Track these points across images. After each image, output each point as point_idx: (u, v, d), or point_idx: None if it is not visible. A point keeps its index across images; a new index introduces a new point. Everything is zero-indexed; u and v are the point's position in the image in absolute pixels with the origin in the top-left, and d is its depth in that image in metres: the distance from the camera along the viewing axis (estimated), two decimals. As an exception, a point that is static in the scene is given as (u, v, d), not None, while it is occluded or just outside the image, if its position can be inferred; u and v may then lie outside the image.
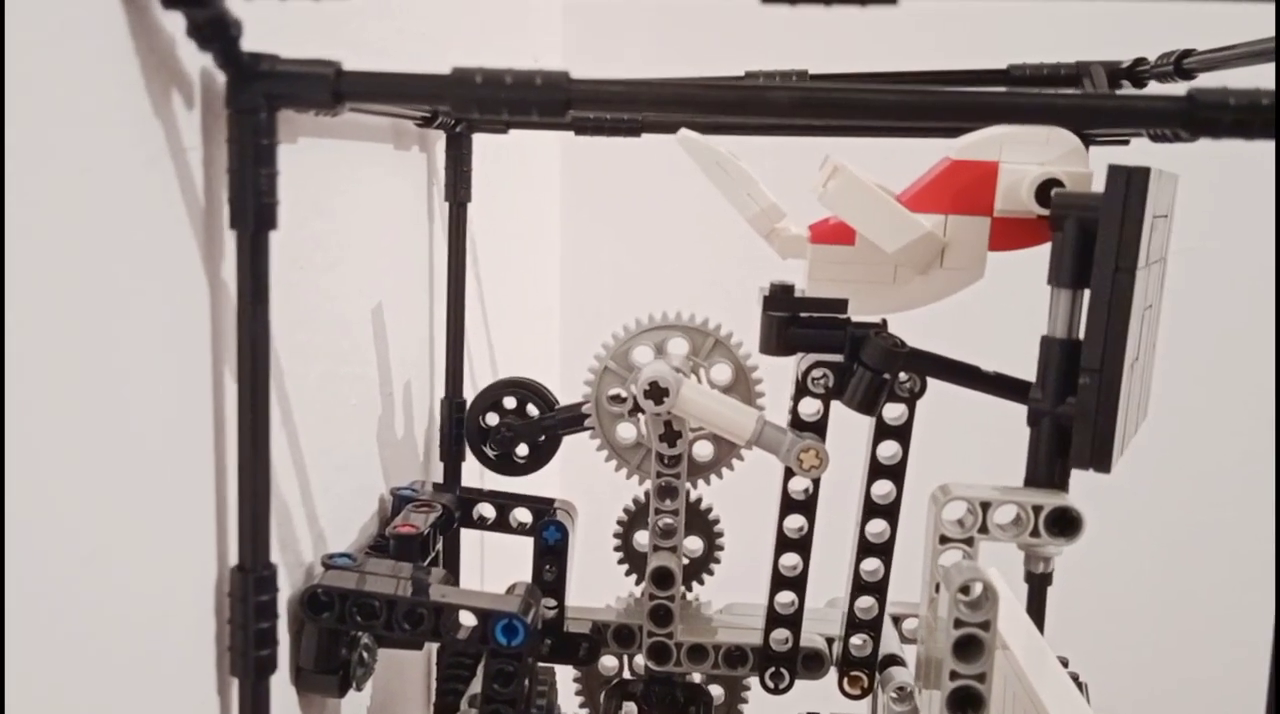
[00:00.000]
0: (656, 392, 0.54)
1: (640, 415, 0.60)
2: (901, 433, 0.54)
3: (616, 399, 0.59)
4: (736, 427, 0.54)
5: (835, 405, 0.54)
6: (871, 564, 0.57)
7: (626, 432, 0.62)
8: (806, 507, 0.57)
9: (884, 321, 0.53)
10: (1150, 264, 0.45)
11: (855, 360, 0.52)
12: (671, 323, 0.60)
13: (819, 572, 0.59)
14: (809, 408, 0.54)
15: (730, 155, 0.54)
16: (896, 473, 0.55)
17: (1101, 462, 0.45)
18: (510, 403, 0.64)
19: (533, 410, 0.64)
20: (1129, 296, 0.43)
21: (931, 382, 0.53)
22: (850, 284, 0.52)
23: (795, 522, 0.57)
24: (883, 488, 0.55)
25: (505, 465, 0.65)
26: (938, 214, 0.51)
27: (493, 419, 0.64)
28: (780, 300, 0.53)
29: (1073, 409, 0.45)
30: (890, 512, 0.56)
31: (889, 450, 0.55)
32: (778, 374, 0.65)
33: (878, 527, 0.56)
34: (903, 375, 0.53)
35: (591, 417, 0.61)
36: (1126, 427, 0.46)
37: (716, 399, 0.55)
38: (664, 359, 0.60)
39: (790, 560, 0.58)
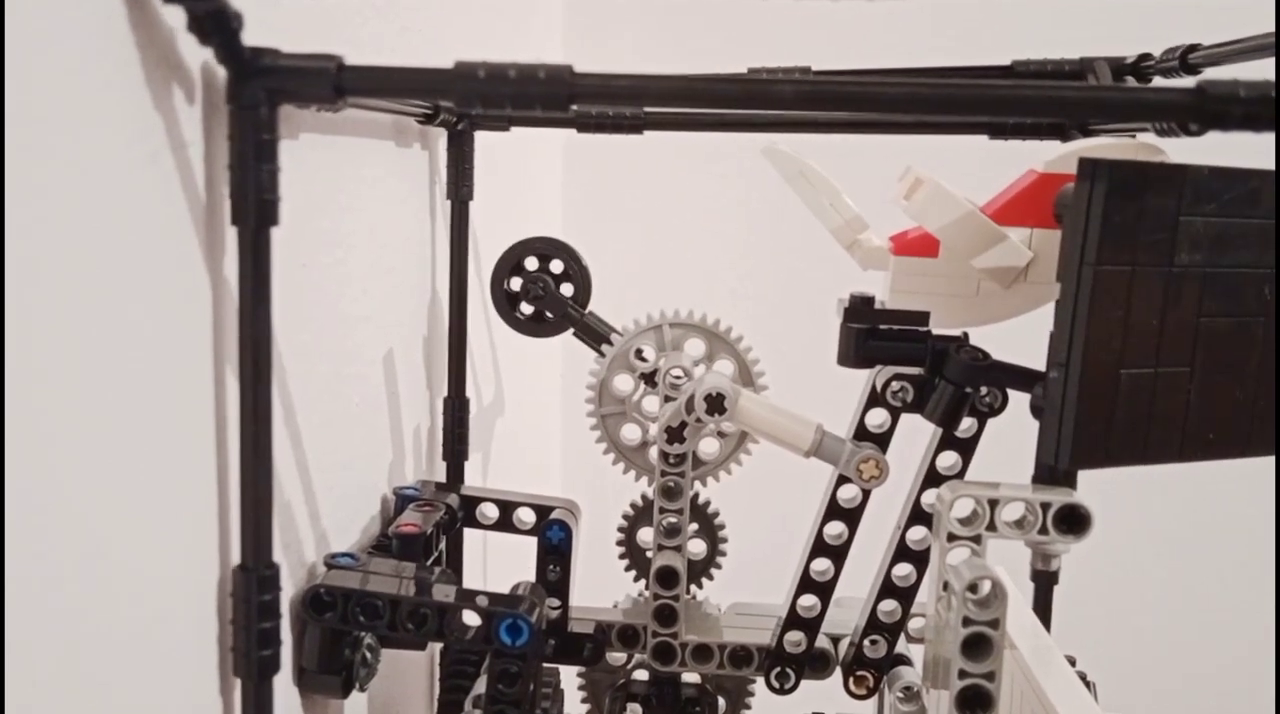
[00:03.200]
0: (716, 402, 0.53)
1: (646, 385, 0.60)
2: (967, 446, 0.54)
3: (640, 355, 0.59)
4: (796, 437, 0.54)
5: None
6: (904, 569, 0.57)
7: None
8: (851, 515, 0.56)
9: (965, 334, 0.52)
10: (1199, 267, 0.42)
11: (937, 374, 0.51)
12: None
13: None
14: (876, 419, 0.54)
15: (814, 166, 0.53)
16: None
17: (1063, 456, 0.44)
18: (558, 267, 0.65)
19: (567, 290, 0.65)
20: (1090, 291, 0.42)
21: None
22: (932, 297, 0.52)
23: (836, 528, 0.57)
24: (933, 496, 0.55)
25: (509, 311, 0.65)
26: (1023, 227, 0.50)
27: (532, 264, 0.65)
28: (860, 312, 0.52)
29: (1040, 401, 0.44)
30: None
31: (949, 461, 0.54)
32: (783, 374, 0.64)
33: (919, 534, 0.56)
34: (984, 389, 0.52)
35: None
36: (1144, 432, 0.44)
37: (774, 409, 0.55)
38: (678, 356, 0.60)
39: (821, 565, 0.57)
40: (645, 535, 0.63)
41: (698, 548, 0.63)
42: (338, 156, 0.51)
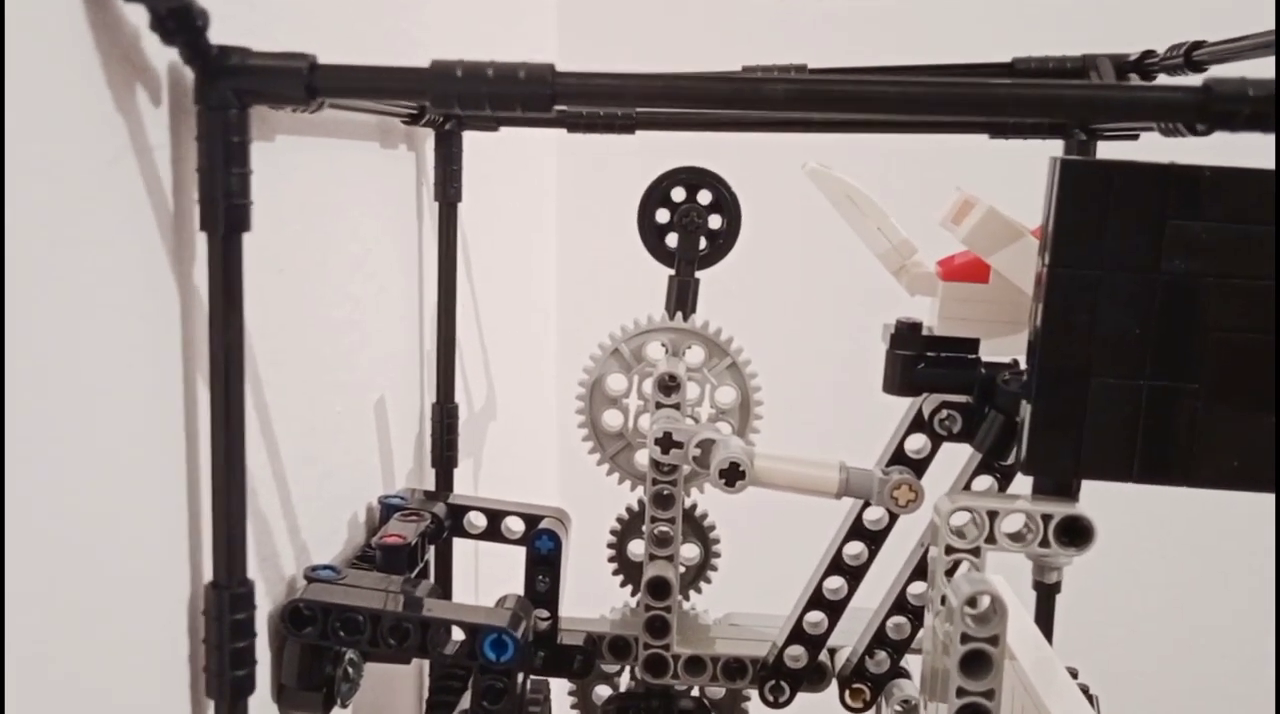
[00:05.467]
0: (733, 473, 0.52)
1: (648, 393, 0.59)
2: (1007, 472, 0.52)
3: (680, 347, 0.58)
4: (821, 484, 0.52)
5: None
6: (920, 588, 0.56)
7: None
8: (875, 537, 0.55)
9: (1015, 361, 0.50)
10: (1205, 277, 0.39)
11: (986, 403, 0.49)
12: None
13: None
14: (915, 444, 0.53)
15: (862, 190, 0.52)
16: None
17: (1020, 460, 0.42)
18: (715, 222, 0.63)
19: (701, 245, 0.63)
20: (1046, 294, 0.40)
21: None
22: (982, 323, 0.50)
23: (856, 548, 0.56)
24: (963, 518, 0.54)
25: (648, 208, 0.63)
26: None
27: (704, 198, 0.63)
28: (907, 339, 0.50)
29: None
30: None
31: (983, 485, 0.53)
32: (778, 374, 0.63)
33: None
34: None
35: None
36: (1132, 448, 0.42)
37: (793, 462, 0.53)
38: (675, 361, 0.59)
39: (835, 584, 0.56)
40: (637, 545, 0.62)
41: (690, 556, 0.62)
42: (318, 158, 0.50)
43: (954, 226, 0.48)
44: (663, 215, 0.63)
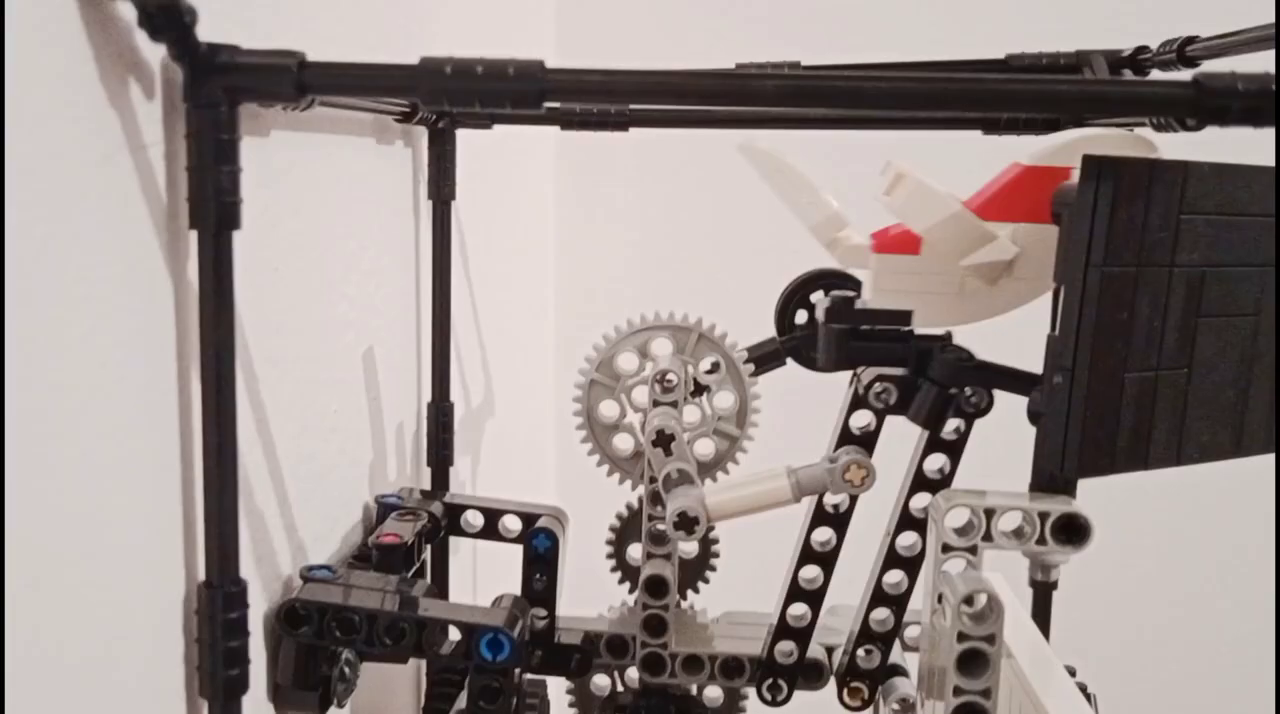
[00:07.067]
0: (687, 522, 0.52)
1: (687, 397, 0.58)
2: (954, 448, 0.52)
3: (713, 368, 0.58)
4: (775, 496, 0.53)
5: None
6: (895, 576, 0.56)
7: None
8: (838, 521, 0.55)
9: (949, 333, 0.51)
10: (1197, 266, 0.41)
11: (920, 374, 0.49)
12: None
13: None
14: (860, 421, 0.53)
15: (791, 163, 0.52)
16: (940, 488, 0.53)
17: (1069, 464, 0.42)
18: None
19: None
20: (1097, 294, 0.40)
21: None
22: (915, 295, 0.50)
23: (823, 535, 0.56)
24: (922, 501, 0.53)
25: (792, 296, 0.63)
26: (1008, 222, 0.48)
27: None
28: (841, 312, 0.50)
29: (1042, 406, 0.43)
30: (926, 526, 0.54)
31: (936, 464, 0.53)
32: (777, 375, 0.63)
33: (909, 539, 0.54)
34: (969, 389, 0.50)
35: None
36: (1147, 437, 0.43)
37: (742, 485, 0.53)
38: (674, 359, 0.59)
39: (810, 573, 0.56)
40: (635, 543, 0.62)
41: (688, 555, 0.62)
42: (312, 155, 0.50)
43: (887, 199, 0.48)
44: (816, 297, 0.63)
